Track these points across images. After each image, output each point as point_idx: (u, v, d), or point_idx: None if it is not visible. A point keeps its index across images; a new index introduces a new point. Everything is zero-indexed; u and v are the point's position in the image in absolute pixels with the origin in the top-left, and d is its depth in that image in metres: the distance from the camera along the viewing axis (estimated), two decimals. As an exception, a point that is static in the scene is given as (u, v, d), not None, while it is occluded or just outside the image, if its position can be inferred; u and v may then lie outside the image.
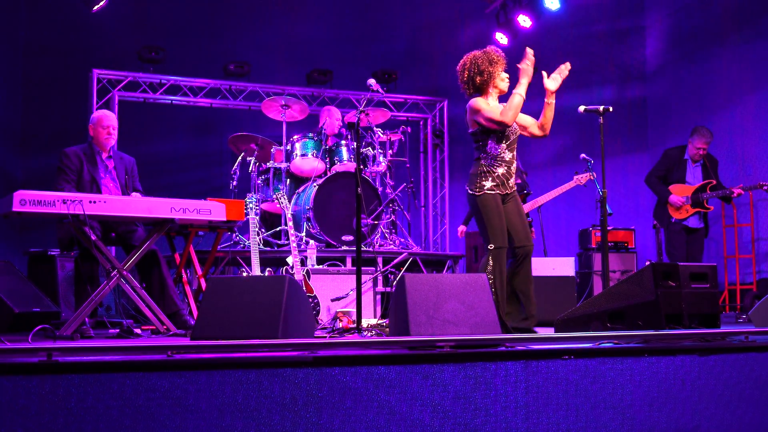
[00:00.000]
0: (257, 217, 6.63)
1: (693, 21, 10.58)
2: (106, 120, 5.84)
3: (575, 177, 7.53)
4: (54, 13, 9.73)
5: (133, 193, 5.85)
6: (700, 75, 10.34)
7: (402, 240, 8.28)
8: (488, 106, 5.01)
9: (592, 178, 7.36)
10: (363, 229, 7.38)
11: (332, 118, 8.46)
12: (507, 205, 5.08)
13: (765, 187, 7.62)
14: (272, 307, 3.90)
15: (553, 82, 5.09)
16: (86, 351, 3.19)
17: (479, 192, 4.99)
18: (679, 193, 7.63)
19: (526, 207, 7.65)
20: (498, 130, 5.00)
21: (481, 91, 5.09)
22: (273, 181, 8.08)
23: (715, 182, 7.61)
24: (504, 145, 5.04)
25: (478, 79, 5.04)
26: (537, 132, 5.19)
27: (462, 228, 8.51)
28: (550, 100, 5.10)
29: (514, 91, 4.99)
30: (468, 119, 5.08)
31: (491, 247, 4.92)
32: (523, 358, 3.45)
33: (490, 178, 5.01)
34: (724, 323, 5.18)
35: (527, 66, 5.01)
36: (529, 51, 5.04)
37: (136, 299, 5.17)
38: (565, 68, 5.13)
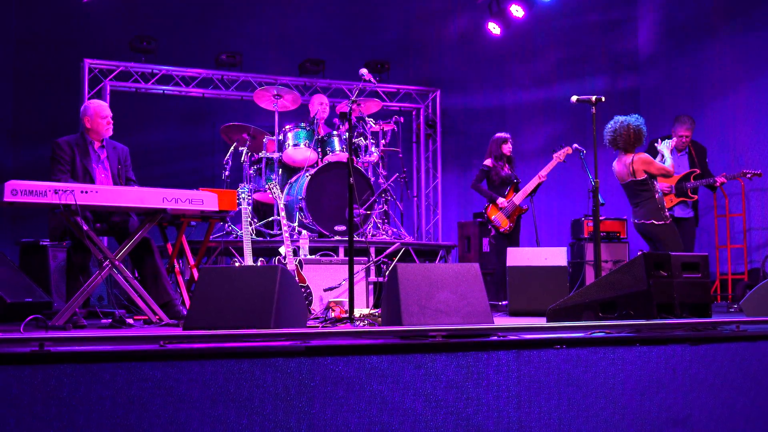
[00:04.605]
0: (249, 207, 6.63)
1: (685, 12, 10.58)
2: (105, 110, 5.81)
3: (554, 155, 7.55)
4: (45, 3, 9.67)
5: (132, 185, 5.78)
6: (692, 66, 10.36)
7: (394, 230, 8.27)
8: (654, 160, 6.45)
9: (570, 152, 7.37)
10: (355, 219, 7.37)
11: (319, 104, 8.42)
12: None
13: (749, 175, 7.63)
14: (265, 297, 3.90)
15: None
16: (78, 341, 3.18)
17: (668, 221, 6.37)
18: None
19: (518, 197, 7.65)
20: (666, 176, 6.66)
21: (632, 148, 6.39)
22: (265, 171, 8.06)
23: (699, 171, 7.61)
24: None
25: (637, 144, 6.37)
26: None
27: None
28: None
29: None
30: (635, 168, 6.34)
31: None
32: (516, 347, 3.46)
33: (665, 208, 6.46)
34: (716, 313, 5.20)
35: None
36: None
37: (128, 289, 5.16)
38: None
